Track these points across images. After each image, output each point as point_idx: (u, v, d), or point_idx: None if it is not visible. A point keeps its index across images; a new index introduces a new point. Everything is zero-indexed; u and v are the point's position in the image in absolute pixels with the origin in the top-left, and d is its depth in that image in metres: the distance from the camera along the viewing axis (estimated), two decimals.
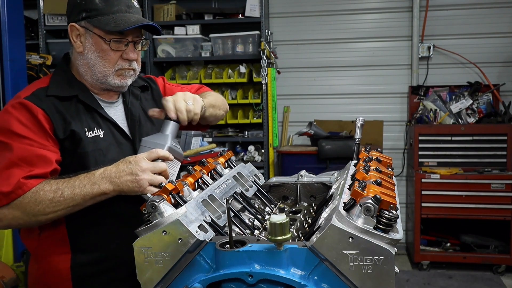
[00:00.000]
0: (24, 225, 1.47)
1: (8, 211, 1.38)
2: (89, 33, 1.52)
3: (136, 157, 1.41)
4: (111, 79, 1.56)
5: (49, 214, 1.39)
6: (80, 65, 1.57)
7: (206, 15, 5.01)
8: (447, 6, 4.95)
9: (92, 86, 1.60)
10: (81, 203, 1.39)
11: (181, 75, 5.07)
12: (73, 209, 1.40)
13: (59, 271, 1.55)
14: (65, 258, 1.54)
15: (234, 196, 1.52)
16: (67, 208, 1.39)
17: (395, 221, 1.08)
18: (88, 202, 1.40)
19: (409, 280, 4.34)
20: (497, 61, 4.89)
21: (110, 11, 1.50)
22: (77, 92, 1.56)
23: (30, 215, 1.38)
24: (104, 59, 1.53)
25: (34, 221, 1.40)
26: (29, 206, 1.37)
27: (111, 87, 1.59)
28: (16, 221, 1.40)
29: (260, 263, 1.10)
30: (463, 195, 4.40)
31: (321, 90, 5.22)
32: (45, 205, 1.37)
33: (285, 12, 5.20)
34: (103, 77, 1.55)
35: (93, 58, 1.53)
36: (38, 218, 1.39)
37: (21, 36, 3.29)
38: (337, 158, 4.44)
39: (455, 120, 4.69)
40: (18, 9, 3.28)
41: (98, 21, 1.49)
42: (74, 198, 1.37)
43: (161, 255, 1.16)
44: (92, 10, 1.50)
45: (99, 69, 1.54)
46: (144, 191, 1.36)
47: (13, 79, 3.17)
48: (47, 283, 1.57)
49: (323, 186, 1.72)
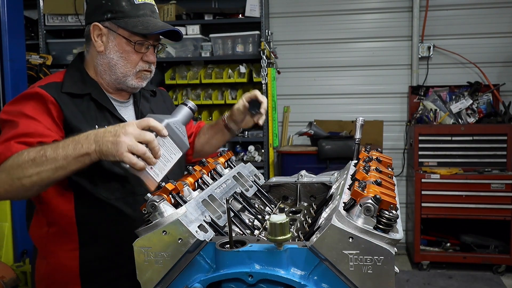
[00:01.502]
0: (11, 192, 1.35)
1: None
2: (112, 34, 1.56)
3: (127, 122, 1.35)
4: (130, 80, 1.60)
5: (32, 176, 1.29)
6: (99, 64, 1.60)
7: (206, 15, 5.01)
8: (447, 6, 4.95)
9: (108, 85, 1.62)
10: (64, 164, 1.28)
11: (181, 75, 5.07)
12: (56, 172, 1.29)
13: (67, 268, 1.54)
14: (74, 255, 1.54)
15: (234, 196, 1.52)
16: (50, 171, 1.29)
17: (395, 221, 1.08)
18: (71, 165, 1.28)
19: (409, 280, 4.34)
20: (497, 61, 4.89)
21: (136, 14, 1.55)
22: (91, 90, 1.58)
23: (14, 178, 1.31)
24: (126, 60, 1.57)
25: (19, 185, 1.31)
26: (12, 168, 1.31)
27: (127, 87, 1.62)
28: (3, 187, 1.33)
29: (260, 263, 1.10)
30: (463, 195, 4.40)
31: (321, 90, 5.22)
32: (27, 165, 1.29)
33: (285, 12, 5.20)
34: (123, 77, 1.59)
35: (114, 58, 1.57)
36: (22, 181, 1.30)
37: (21, 36, 3.29)
38: (337, 158, 4.44)
39: (455, 120, 4.69)
40: (18, 9, 3.28)
41: (125, 23, 1.53)
42: (57, 159, 1.27)
43: (161, 255, 1.16)
44: (118, 12, 1.54)
45: (120, 69, 1.58)
46: (121, 156, 1.22)
47: (13, 79, 3.17)
48: (56, 279, 1.57)
49: (323, 186, 1.72)
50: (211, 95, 5.01)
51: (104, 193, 1.54)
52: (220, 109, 5.12)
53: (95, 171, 1.49)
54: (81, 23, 5.02)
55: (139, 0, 1.57)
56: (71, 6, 4.98)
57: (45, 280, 1.60)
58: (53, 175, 1.30)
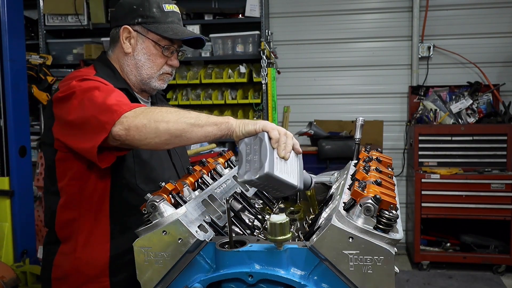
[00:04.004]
0: (143, 132, 1.32)
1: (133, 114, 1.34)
2: (141, 37, 1.65)
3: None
4: (154, 81, 1.69)
5: (169, 122, 1.30)
6: (126, 64, 1.68)
7: (206, 15, 5.01)
8: (447, 6, 4.95)
9: (134, 85, 1.71)
10: (202, 123, 1.29)
11: (181, 75, 5.07)
12: (192, 127, 1.29)
13: (97, 261, 1.56)
14: (105, 247, 1.56)
15: (234, 196, 1.52)
16: (188, 123, 1.29)
17: (395, 221, 1.08)
18: (209, 126, 1.29)
19: (409, 280, 4.34)
20: (497, 61, 4.89)
21: (165, 21, 1.65)
22: (125, 85, 1.66)
23: (151, 120, 1.30)
24: (153, 62, 1.67)
25: (153, 128, 1.30)
26: (153, 112, 1.32)
27: (150, 88, 1.71)
28: (137, 125, 1.32)
29: (260, 263, 1.10)
30: (463, 195, 4.40)
31: (321, 90, 5.22)
32: (169, 113, 1.32)
33: (285, 12, 5.20)
34: (148, 78, 1.68)
35: (142, 60, 1.66)
36: (158, 124, 1.30)
37: (21, 36, 3.28)
38: (337, 158, 4.44)
39: (455, 120, 4.68)
40: (18, 9, 3.27)
41: (155, 28, 1.64)
42: (199, 116, 1.31)
43: (161, 255, 1.16)
44: (149, 17, 1.64)
45: (146, 71, 1.67)
46: (268, 127, 1.26)
47: (13, 79, 3.16)
48: (84, 273, 1.56)
49: (323, 186, 1.72)
50: (211, 95, 5.01)
51: (141, 184, 1.58)
52: (220, 109, 5.12)
53: (135, 162, 1.56)
54: (81, 23, 5.02)
55: (168, 8, 1.67)
56: (71, 6, 4.98)
57: (71, 276, 1.58)
58: (190, 128, 1.30)
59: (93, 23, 5.04)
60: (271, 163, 1.20)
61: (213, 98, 4.98)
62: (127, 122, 1.32)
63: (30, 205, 3.37)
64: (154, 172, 1.62)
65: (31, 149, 3.41)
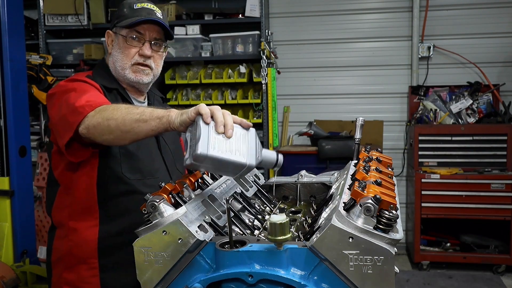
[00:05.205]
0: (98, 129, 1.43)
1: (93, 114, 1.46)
2: (116, 36, 1.78)
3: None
4: (128, 73, 1.76)
5: (117, 119, 1.38)
6: (111, 63, 1.80)
7: (206, 15, 5.01)
8: (447, 6, 4.95)
9: (122, 82, 1.80)
10: (146, 118, 1.35)
11: (181, 75, 5.07)
12: (138, 122, 1.36)
13: (87, 243, 1.67)
14: (94, 231, 1.67)
15: (234, 196, 1.52)
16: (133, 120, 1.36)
17: (395, 221, 1.08)
18: (152, 120, 1.34)
19: (409, 280, 4.34)
20: (497, 61, 4.89)
21: (133, 15, 1.74)
22: (117, 86, 1.78)
23: (104, 118, 1.41)
24: (123, 54, 1.75)
25: (106, 125, 1.40)
26: (105, 110, 1.43)
27: (129, 81, 1.78)
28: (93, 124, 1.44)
29: (260, 263, 1.10)
30: (463, 195, 4.40)
31: (321, 90, 5.22)
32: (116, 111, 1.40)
33: (285, 12, 5.20)
34: (122, 70, 1.76)
35: (116, 55, 1.77)
36: (109, 122, 1.40)
37: (21, 36, 3.28)
38: (337, 158, 4.44)
39: (455, 120, 4.68)
40: (18, 9, 3.27)
41: (121, 23, 1.75)
42: (144, 112, 1.36)
43: (161, 255, 1.16)
44: (121, 16, 1.76)
45: (118, 63, 1.76)
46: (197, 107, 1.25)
47: (13, 79, 3.16)
48: (76, 254, 1.68)
49: (323, 186, 1.72)
50: (211, 95, 5.01)
51: (127, 173, 1.68)
52: None
53: (120, 153, 1.66)
54: (81, 23, 5.02)
55: (138, 6, 1.76)
56: (71, 6, 4.98)
57: (65, 257, 1.71)
58: (135, 124, 1.36)
59: (93, 23, 5.04)
60: (204, 143, 1.18)
61: (213, 98, 4.98)
62: (87, 121, 1.45)
63: (30, 205, 3.37)
64: (140, 162, 1.71)
65: (31, 149, 3.41)
